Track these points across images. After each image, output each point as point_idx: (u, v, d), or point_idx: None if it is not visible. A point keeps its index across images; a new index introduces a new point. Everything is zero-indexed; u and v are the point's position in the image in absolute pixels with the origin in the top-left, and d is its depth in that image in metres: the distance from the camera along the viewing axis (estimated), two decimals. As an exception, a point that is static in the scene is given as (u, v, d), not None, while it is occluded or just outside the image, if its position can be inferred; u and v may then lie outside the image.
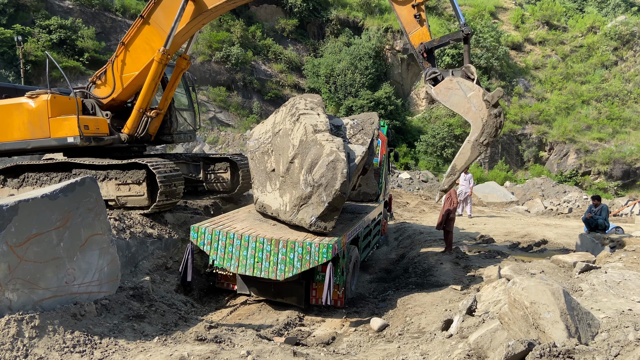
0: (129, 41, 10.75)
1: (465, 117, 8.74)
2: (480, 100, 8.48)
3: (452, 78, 8.82)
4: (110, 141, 11.18)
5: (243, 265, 8.22)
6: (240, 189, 12.94)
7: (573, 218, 20.33)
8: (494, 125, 8.44)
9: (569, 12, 49.81)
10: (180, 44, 11.10)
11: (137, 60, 10.70)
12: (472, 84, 8.65)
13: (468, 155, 8.68)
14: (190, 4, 9.94)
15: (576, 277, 8.82)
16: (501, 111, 8.45)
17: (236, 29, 39.73)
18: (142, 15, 10.49)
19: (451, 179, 8.94)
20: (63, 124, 10.48)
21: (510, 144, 39.38)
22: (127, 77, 10.92)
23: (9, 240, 6.00)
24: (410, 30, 9.15)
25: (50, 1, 35.53)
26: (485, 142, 8.53)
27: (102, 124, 11.11)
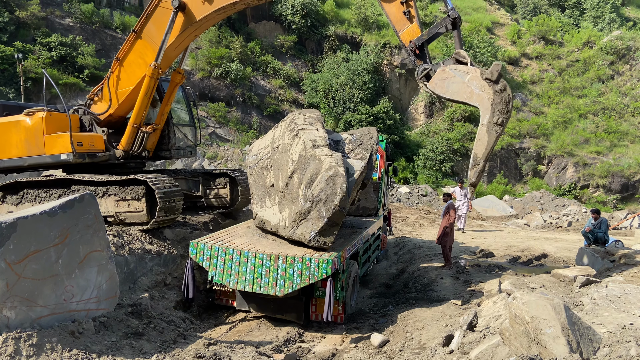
0: (123, 56, 10.75)
1: (469, 102, 8.32)
2: (480, 80, 8.10)
3: (444, 67, 8.46)
4: (106, 158, 11.14)
5: (242, 281, 8.17)
6: (239, 204, 12.92)
7: (572, 231, 20.30)
8: (503, 101, 8.02)
9: (565, 27, 50.33)
10: (173, 57, 11.03)
11: (132, 75, 10.68)
12: (467, 67, 8.29)
13: (486, 139, 8.18)
14: (179, 16, 9.90)
15: (577, 291, 8.78)
16: (506, 84, 8.05)
17: (235, 45, 40.06)
18: (135, 29, 10.50)
19: (476, 169, 8.40)
20: (57, 141, 10.49)
21: (508, 157, 39.50)
22: (122, 92, 10.90)
23: (7, 258, 5.97)
24: (400, 28, 8.86)
25: (51, 19, 35.88)
26: (500, 121, 8.05)
27: (97, 141, 11.08)
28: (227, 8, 9.64)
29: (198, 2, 9.70)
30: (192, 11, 9.83)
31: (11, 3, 33.60)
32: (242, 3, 9.52)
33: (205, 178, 13.13)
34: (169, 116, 11.92)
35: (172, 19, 9.84)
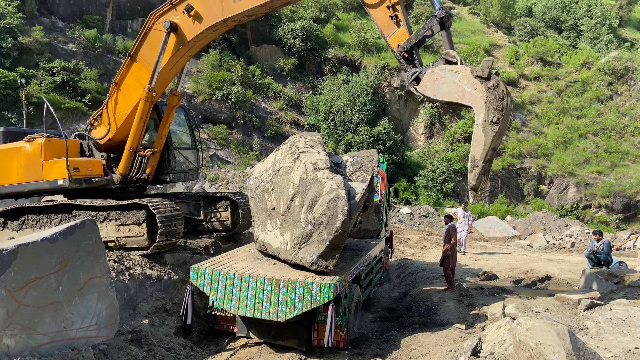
0: (120, 80, 10.80)
1: (462, 102, 7.94)
2: (472, 78, 7.75)
3: (434, 68, 8.14)
4: (104, 182, 11.12)
5: (243, 306, 8.10)
6: (240, 227, 12.88)
7: (576, 253, 20.18)
8: (497, 98, 7.64)
9: (562, 48, 50.85)
10: (169, 80, 11.03)
11: (129, 98, 10.67)
12: (457, 66, 7.99)
13: (482, 139, 7.79)
14: (172, 37, 9.94)
15: (581, 314, 8.71)
16: (498, 80, 7.69)
17: (236, 68, 40.47)
18: (130, 53, 10.57)
19: (475, 172, 7.98)
20: (54, 166, 10.53)
21: (509, 177, 39.52)
22: (120, 116, 10.90)
23: (8, 285, 5.94)
24: (388, 33, 8.65)
25: (54, 44, 36.34)
26: (495, 119, 7.68)
27: (95, 166, 11.10)
28: (217, 26, 9.65)
29: (189, 22, 9.74)
30: (184, 31, 9.86)
31: (14, 29, 34.07)
32: (232, 20, 9.52)
33: (206, 201, 13.11)
34: (168, 139, 11.87)
35: (164, 40, 9.89)
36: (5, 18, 33.63)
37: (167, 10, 9.92)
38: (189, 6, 9.55)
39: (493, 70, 8.28)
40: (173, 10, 9.84)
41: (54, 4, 38.40)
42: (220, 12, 9.35)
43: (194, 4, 9.56)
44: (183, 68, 11.27)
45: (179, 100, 11.52)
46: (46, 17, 37.96)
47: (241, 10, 9.16)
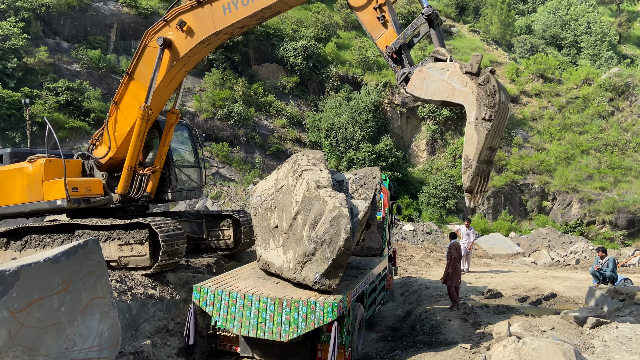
0: (119, 99, 10.84)
1: (452, 100, 7.62)
2: (461, 75, 7.45)
3: (422, 67, 7.88)
4: (104, 202, 11.11)
5: (246, 326, 8.05)
6: (242, 246, 12.84)
7: (581, 269, 20.03)
8: (488, 94, 7.29)
9: (563, 65, 51.14)
10: (166, 97, 11.02)
11: (128, 116, 10.69)
12: (446, 63, 7.71)
13: (475, 138, 7.44)
14: (166, 53, 9.99)
15: (587, 333, 8.61)
16: (489, 76, 7.34)
17: (239, 86, 40.77)
18: (128, 71, 10.64)
19: (469, 173, 7.59)
20: (54, 187, 10.55)
21: (512, 194, 39.44)
22: (120, 134, 10.91)
23: (10, 306, 5.90)
24: (376, 35, 8.45)
25: (58, 65, 36.72)
26: (487, 116, 7.31)
27: (95, 185, 11.10)
28: (210, 39, 9.69)
29: (182, 37, 9.80)
30: (177, 47, 9.92)
31: (19, 50, 34.47)
32: (224, 33, 9.55)
33: (208, 220, 13.08)
34: (169, 157, 11.83)
35: (159, 57, 9.95)
36: (10, 39, 34.05)
37: (161, 27, 10.02)
38: (182, 21, 9.62)
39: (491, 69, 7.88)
40: (167, 27, 9.93)
41: (58, 25, 38.88)
42: (212, 25, 9.39)
43: (186, 19, 9.64)
44: (181, 85, 11.30)
45: (177, 118, 11.52)
46: (51, 38, 38.42)
47: (231, 22, 9.19)
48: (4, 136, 31.47)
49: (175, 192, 12.03)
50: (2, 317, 5.83)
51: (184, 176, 12.40)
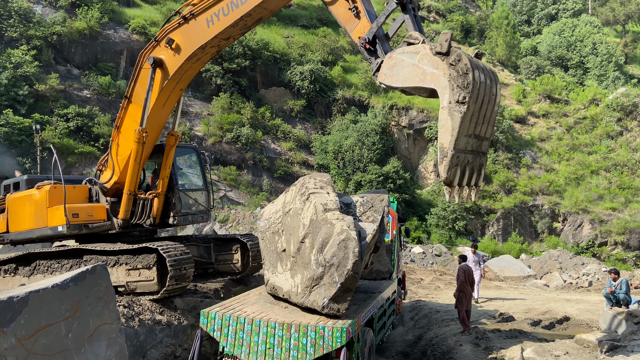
0: (120, 123, 10.91)
1: (424, 85, 7.03)
2: (432, 56, 6.86)
3: (391, 54, 7.37)
4: (106, 228, 11.10)
5: (254, 352, 7.93)
6: (250, 269, 12.77)
7: (594, 292, 19.69)
8: (461, 74, 6.67)
9: (569, 85, 51.23)
10: (163, 118, 11.00)
11: (129, 140, 10.69)
12: (415, 46, 7.15)
13: (449, 124, 6.79)
14: (158, 72, 10.07)
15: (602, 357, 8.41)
16: (460, 54, 6.72)
17: (246, 110, 41.15)
18: (127, 95, 10.74)
19: (445, 163, 6.97)
20: (56, 213, 10.62)
21: (522, 215, 39.13)
22: (122, 158, 10.92)
23: (18, 333, 5.87)
24: (350, 28, 8.09)
25: (69, 91, 37.31)
26: (461, 98, 6.67)
27: (97, 211, 11.11)
28: (197, 54, 9.74)
29: (171, 54, 9.89)
30: (167, 65, 10.01)
31: (31, 77, 35.10)
32: (210, 46, 9.61)
33: (216, 244, 13.04)
34: (173, 181, 11.72)
35: (150, 76, 10.05)
36: (22, 67, 34.72)
37: (152, 47, 10.16)
38: (169, 39, 9.75)
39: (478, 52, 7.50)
40: (158, 47, 10.06)
41: (69, 53, 39.65)
42: (197, 40, 9.47)
43: (174, 37, 9.76)
44: (178, 106, 11.31)
45: (176, 140, 11.45)
46: (62, 65, 39.14)
47: (215, 33, 9.24)
48: (15, 162, 31.82)
49: (180, 217, 11.86)
50: (10, 344, 5.80)
51: (189, 200, 12.28)
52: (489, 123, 7.54)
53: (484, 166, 7.89)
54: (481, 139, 7.50)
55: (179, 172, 12.55)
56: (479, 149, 7.57)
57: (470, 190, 7.75)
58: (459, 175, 7.22)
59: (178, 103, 11.21)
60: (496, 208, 38.90)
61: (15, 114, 32.74)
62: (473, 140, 7.27)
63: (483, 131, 7.47)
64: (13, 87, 33.65)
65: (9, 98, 33.33)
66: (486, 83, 7.01)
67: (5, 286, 11.35)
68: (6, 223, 11.79)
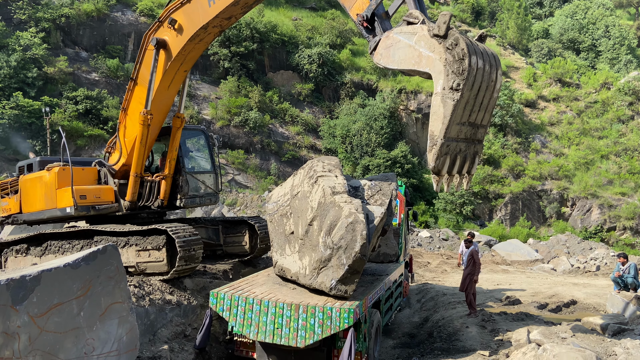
0: (127, 105, 10.91)
1: (419, 68, 6.78)
2: (429, 39, 6.55)
3: (389, 33, 7.08)
4: (114, 209, 11.22)
5: (263, 331, 8.04)
6: (258, 251, 12.86)
7: (601, 276, 19.67)
8: (457, 59, 6.37)
9: (581, 69, 50.54)
10: (169, 100, 10.97)
11: (136, 122, 10.68)
12: (414, 27, 6.83)
13: (441, 111, 6.58)
14: (161, 53, 10.01)
15: (609, 340, 8.44)
16: (458, 38, 6.38)
17: (254, 94, 41.05)
18: (132, 77, 10.71)
19: (434, 151, 6.77)
20: (64, 194, 10.76)
21: (530, 200, 38.96)
22: (129, 141, 10.94)
23: (31, 311, 5.99)
24: (349, 5, 7.76)
25: (77, 74, 37.37)
26: (455, 84, 6.41)
27: (105, 193, 11.21)
28: (200, 34, 9.67)
29: (174, 35, 9.84)
30: (171, 46, 9.95)
31: (40, 60, 35.17)
32: (213, 26, 9.52)
33: (225, 226, 13.12)
34: (181, 163, 11.70)
35: (154, 58, 10.01)
36: (31, 49, 34.77)
37: (156, 28, 10.10)
38: (172, 19, 9.69)
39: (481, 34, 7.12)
40: (161, 27, 10.00)
41: (78, 35, 39.61)
42: (199, 20, 9.40)
43: (176, 17, 9.70)
44: (184, 87, 11.27)
45: (182, 122, 11.42)
46: (70, 47, 39.15)
47: (217, 12, 9.14)
48: (25, 145, 32.07)
49: (188, 199, 11.86)
50: (23, 321, 5.93)
51: (197, 182, 12.26)
52: (487, 110, 7.29)
53: (478, 154, 7.67)
54: (477, 127, 7.27)
55: (188, 154, 12.57)
56: (473, 137, 7.34)
57: (462, 179, 7.56)
58: (447, 165, 7.04)
59: (183, 85, 11.19)
60: (504, 193, 38.75)
61: (25, 97, 32.89)
62: (467, 128, 7.04)
63: (479, 119, 7.23)
64: (22, 69, 33.75)
65: (18, 80, 33.46)
66: (484, 69, 6.73)
67: (17, 266, 11.56)
68: (19, 204, 12.01)
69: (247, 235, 12.88)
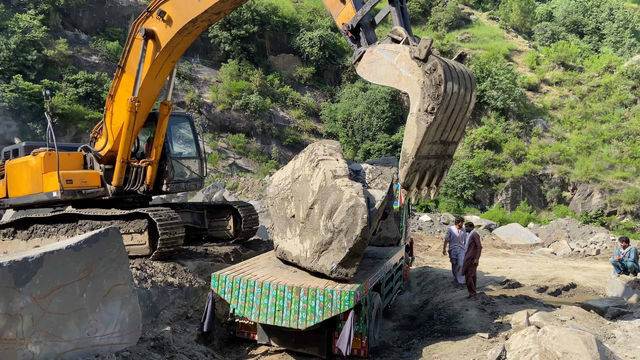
0: (114, 92, 10.96)
1: (398, 87, 7.13)
2: (409, 60, 6.84)
3: (373, 48, 7.38)
4: (100, 194, 11.36)
5: (264, 314, 8.11)
6: (243, 235, 12.98)
7: (601, 260, 19.74)
8: (433, 83, 6.66)
9: (584, 52, 50.12)
10: (156, 89, 10.99)
11: (123, 109, 10.76)
12: (396, 46, 7.12)
13: (415, 131, 6.90)
14: (150, 44, 10.02)
15: (608, 323, 8.50)
16: (436, 63, 6.65)
17: (255, 77, 40.81)
18: (120, 65, 10.72)
19: (405, 168, 7.15)
20: (51, 179, 10.91)
21: (531, 184, 38.94)
22: (116, 127, 11.03)
23: (33, 293, 6.04)
24: (336, 12, 7.97)
25: (77, 57, 37.14)
26: (430, 108, 6.73)
27: (91, 178, 11.36)
28: (188, 28, 9.66)
29: (163, 26, 9.83)
30: (159, 37, 9.95)
31: (39, 42, 34.92)
32: (202, 20, 9.52)
33: (209, 211, 13.33)
34: (166, 149, 11.87)
35: (142, 48, 10.03)
36: (30, 31, 34.50)
37: (145, 17, 10.08)
38: (161, 11, 9.68)
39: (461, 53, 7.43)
40: (150, 17, 9.98)
41: (77, 18, 39.28)
42: (188, 13, 9.39)
43: (165, 8, 9.69)
44: (172, 76, 11.29)
45: (169, 110, 11.49)
46: (70, 30, 38.84)
47: (205, 8, 9.15)
48: (26, 128, 32.01)
49: (173, 184, 12.07)
50: (26, 303, 5.98)
51: (182, 168, 12.41)
52: (459, 129, 7.69)
53: (447, 168, 8.14)
54: (448, 144, 7.64)
55: (176, 141, 12.71)
56: (444, 153, 7.76)
57: (430, 190, 8.02)
58: (417, 180, 7.46)
59: (171, 74, 11.22)
60: (505, 177, 38.71)
61: (25, 80, 32.72)
62: (438, 145, 7.40)
63: (451, 137, 7.62)
64: (22, 52, 33.52)
65: (18, 63, 33.26)
66: (459, 93, 7.06)
67: (5, 249, 11.91)
68: (5, 189, 12.19)
69: (231, 219, 13.13)
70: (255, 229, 13.35)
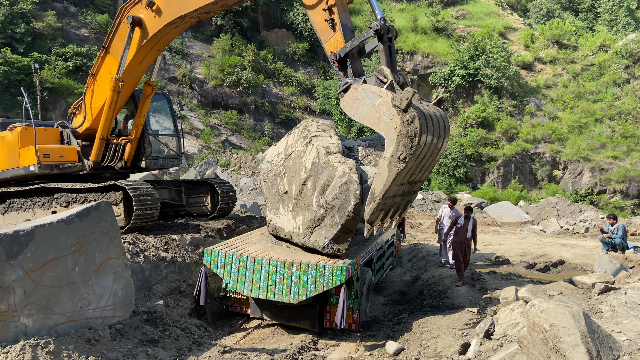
0: (96, 72, 10.87)
1: (376, 130, 7.49)
2: (390, 107, 7.13)
3: (358, 86, 7.68)
4: (78, 169, 11.40)
5: (256, 288, 8.18)
6: (219, 210, 13.09)
7: (590, 238, 20.01)
8: (409, 135, 6.98)
9: (579, 31, 49.90)
10: (140, 73, 10.96)
11: (104, 90, 10.71)
12: (380, 90, 7.39)
13: (385, 175, 7.26)
14: (137, 31, 9.91)
15: (595, 298, 8.64)
16: (414, 116, 6.96)
17: (248, 53, 40.35)
18: (104, 46, 10.61)
19: (372, 207, 7.48)
20: (27, 153, 10.91)
21: (523, 163, 39.16)
22: (96, 107, 11.01)
23: (25, 266, 6.04)
24: (325, 38, 8.26)
25: (66, 30, 36.47)
26: (403, 157, 7.07)
27: (68, 153, 11.37)
28: (177, 22, 9.58)
29: (151, 16, 9.70)
30: (147, 26, 9.83)
31: (28, 14, 34.22)
32: (190, 17, 9.44)
33: (187, 187, 13.42)
34: (144, 127, 11.91)
35: (129, 35, 9.93)
36: (18, 3, 33.77)
37: (134, 4, 9.91)
38: (151, 1, 9.52)
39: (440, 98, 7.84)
40: (139, 4, 9.82)
41: (66, -11, 38.49)
42: (177, 9, 9.30)
43: None
44: (156, 61, 11.22)
45: (153, 90, 11.48)
46: (58, 2, 38.06)
47: (196, 7, 9.08)
48: (15, 102, 31.57)
49: (151, 160, 12.17)
50: (18, 276, 5.98)
51: (160, 145, 12.51)
52: (427, 170, 8.12)
53: (410, 202, 8.58)
54: (414, 183, 8.01)
55: (153, 118, 12.77)
56: (410, 191, 8.15)
57: (392, 221, 8.40)
58: (381, 217, 7.82)
59: (156, 59, 11.13)
60: (497, 155, 38.88)
61: (14, 53, 32.17)
62: (406, 185, 7.74)
63: (419, 177, 8.01)
64: (10, 24, 32.88)
65: (6, 36, 32.65)
66: (432, 142, 7.44)
67: None
68: None
69: (208, 195, 13.30)
70: (232, 206, 13.59)
